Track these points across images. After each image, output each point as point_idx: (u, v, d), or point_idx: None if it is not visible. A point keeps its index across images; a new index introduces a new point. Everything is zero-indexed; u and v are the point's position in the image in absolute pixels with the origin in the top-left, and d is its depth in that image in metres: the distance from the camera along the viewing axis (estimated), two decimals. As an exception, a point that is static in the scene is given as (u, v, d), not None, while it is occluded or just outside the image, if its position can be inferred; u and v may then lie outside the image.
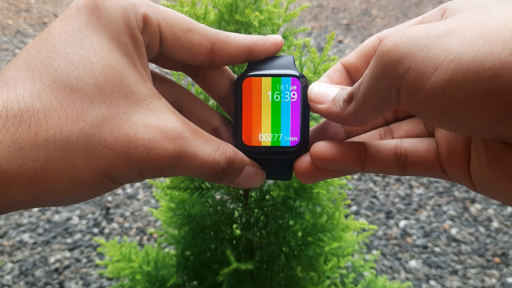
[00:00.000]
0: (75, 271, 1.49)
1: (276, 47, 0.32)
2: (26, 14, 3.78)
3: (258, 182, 0.32)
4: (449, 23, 0.21)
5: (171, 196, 0.78)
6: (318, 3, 4.21)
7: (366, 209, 1.76)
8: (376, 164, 0.29)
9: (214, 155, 0.28)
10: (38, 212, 1.74)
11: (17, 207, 0.24)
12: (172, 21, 0.28)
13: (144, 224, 1.70)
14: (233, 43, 0.30)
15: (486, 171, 0.24)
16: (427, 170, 0.28)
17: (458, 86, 0.19)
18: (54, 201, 0.25)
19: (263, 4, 0.58)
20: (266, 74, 0.31)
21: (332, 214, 0.72)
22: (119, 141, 0.25)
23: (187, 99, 0.34)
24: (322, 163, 0.29)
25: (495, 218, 1.67)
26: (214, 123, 0.34)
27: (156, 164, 0.26)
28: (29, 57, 0.25)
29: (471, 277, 1.45)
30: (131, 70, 0.26)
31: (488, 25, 0.20)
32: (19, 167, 0.22)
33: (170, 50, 0.29)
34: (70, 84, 0.24)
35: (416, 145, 0.28)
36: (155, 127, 0.26)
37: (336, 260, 0.81)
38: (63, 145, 0.23)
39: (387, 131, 0.31)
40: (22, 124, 0.22)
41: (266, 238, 0.73)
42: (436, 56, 0.20)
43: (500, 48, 0.18)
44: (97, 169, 0.24)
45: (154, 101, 0.27)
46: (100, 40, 0.25)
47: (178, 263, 0.80)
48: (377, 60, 0.23)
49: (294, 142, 0.31)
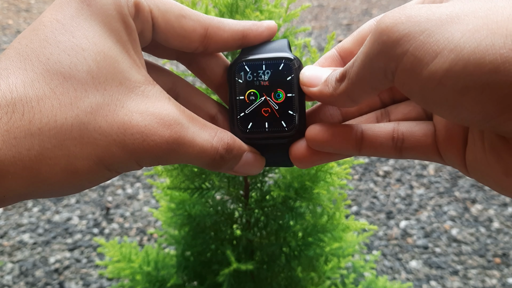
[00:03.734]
0: (75, 271, 1.49)
1: (270, 31, 0.32)
2: (26, 14, 3.78)
3: (258, 169, 0.32)
4: (452, 7, 0.21)
5: (171, 197, 0.78)
6: (319, 3, 4.21)
7: (366, 210, 1.76)
8: (373, 147, 0.28)
9: (212, 141, 0.28)
10: (38, 212, 1.74)
11: (13, 199, 0.24)
12: (164, 7, 0.28)
13: (144, 224, 1.70)
14: (226, 28, 0.30)
15: (481, 159, 0.24)
16: (423, 153, 0.28)
17: (457, 77, 0.19)
18: (50, 191, 0.24)
19: (263, 4, 0.58)
20: (260, 59, 0.31)
21: (333, 214, 0.72)
22: (114, 128, 0.24)
23: (183, 87, 0.33)
24: (318, 146, 0.29)
25: (496, 219, 1.67)
26: (211, 111, 0.34)
27: (152, 151, 0.25)
28: (21, 46, 0.24)
29: (472, 277, 1.45)
30: (124, 57, 0.26)
31: (492, 14, 0.19)
32: (13, 157, 0.22)
33: (163, 37, 0.29)
34: (63, 71, 0.24)
35: (413, 129, 0.28)
36: (151, 114, 0.26)
37: (336, 261, 0.81)
38: (58, 133, 0.23)
39: (384, 113, 0.31)
40: (15, 113, 0.22)
41: (266, 238, 0.73)
42: (436, 43, 0.20)
43: (502, 42, 0.18)
44: (93, 157, 0.24)
45: (148, 88, 0.26)
46: (91, 27, 0.25)
47: (178, 264, 0.80)
48: (374, 38, 0.22)
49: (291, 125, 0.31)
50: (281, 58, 0.31)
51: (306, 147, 0.30)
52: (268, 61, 0.31)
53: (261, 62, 0.31)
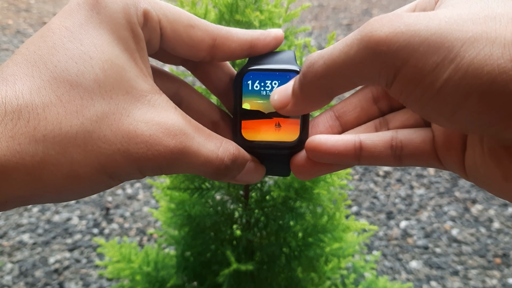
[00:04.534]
0: (75, 271, 1.49)
1: (277, 41, 0.32)
2: (26, 14, 3.78)
3: (258, 178, 0.32)
4: (450, 13, 0.21)
5: (171, 197, 0.78)
6: (319, 3, 4.21)
7: (366, 210, 1.76)
8: (372, 156, 0.28)
9: (217, 152, 0.28)
10: (38, 212, 1.74)
11: (15, 203, 0.24)
12: (173, 17, 0.28)
13: (144, 224, 1.70)
14: (234, 38, 0.30)
15: (480, 164, 0.24)
16: (422, 160, 0.28)
17: (455, 87, 0.19)
18: (52, 197, 0.24)
19: (263, 4, 0.58)
20: (267, 69, 0.31)
21: (333, 214, 0.72)
22: (118, 137, 0.24)
23: (187, 93, 0.33)
24: (318, 157, 0.29)
25: (496, 219, 1.67)
26: (214, 117, 0.33)
27: (156, 161, 0.25)
28: (28, 53, 0.24)
29: (472, 278, 1.44)
30: (132, 66, 0.26)
31: (491, 21, 0.19)
32: (17, 163, 0.22)
33: (171, 46, 0.29)
34: (70, 79, 0.24)
35: (412, 136, 0.28)
36: (156, 123, 0.25)
37: (336, 261, 0.81)
38: (62, 140, 0.23)
39: (382, 122, 0.31)
40: (21, 120, 0.22)
41: (266, 238, 0.73)
42: (436, 53, 0.20)
43: (500, 52, 0.18)
44: (96, 165, 0.24)
45: (155, 97, 0.26)
46: (100, 35, 0.25)
47: (178, 264, 0.80)
48: (368, 45, 0.21)
49: (294, 136, 0.31)
50: (289, 71, 0.31)
51: (307, 159, 0.30)
52: (276, 73, 0.31)
53: (269, 73, 0.31)
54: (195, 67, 0.33)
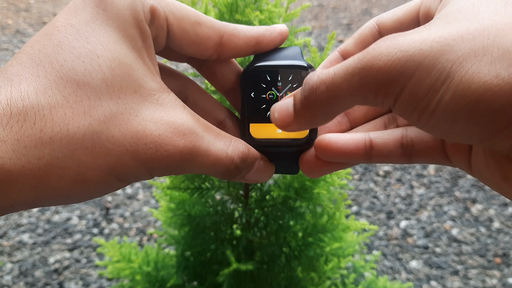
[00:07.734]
0: (75, 271, 1.49)
1: (282, 37, 0.32)
2: (26, 13, 3.78)
3: (268, 176, 0.32)
4: (441, 31, 0.21)
5: (171, 197, 0.78)
6: (319, 3, 4.20)
7: (366, 210, 1.76)
8: (383, 155, 0.28)
9: (227, 150, 0.27)
10: (37, 212, 1.74)
11: (21, 207, 0.23)
12: (180, 14, 0.28)
13: (144, 224, 1.70)
14: (241, 35, 0.30)
15: (483, 164, 0.25)
16: (432, 158, 0.28)
17: (446, 108, 0.20)
18: (58, 200, 0.24)
19: (263, 4, 0.58)
20: (274, 65, 0.31)
21: (333, 214, 0.72)
22: (127, 137, 0.24)
23: (192, 91, 0.33)
24: (328, 157, 0.29)
25: (496, 219, 1.67)
26: (219, 116, 0.33)
27: (166, 161, 0.25)
28: (33, 52, 0.24)
29: (472, 277, 1.44)
30: (139, 64, 0.25)
31: (479, 37, 0.20)
32: (23, 166, 0.21)
33: (177, 43, 0.29)
34: (77, 79, 0.23)
35: (422, 134, 0.28)
36: (165, 123, 0.25)
37: (336, 261, 0.81)
38: (69, 142, 0.22)
39: (391, 118, 0.31)
40: (27, 122, 0.22)
41: (266, 238, 0.73)
42: (429, 76, 0.20)
43: (486, 70, 0.19)
44: (104, 168, 0.23)
45: (163, 96, 0.26)
46: (107, 33, 0.25)
47: (178, 264, 0.80)
48: (369, 74, 0.22)
49: (303, 133, 0.30)
50: (296, 66, 0.30)
51: (316, 157, 0.30)
52: (283, 69, 0.31)
53: (276, 69, 0.31)
54: (200, 65, 0.33)
